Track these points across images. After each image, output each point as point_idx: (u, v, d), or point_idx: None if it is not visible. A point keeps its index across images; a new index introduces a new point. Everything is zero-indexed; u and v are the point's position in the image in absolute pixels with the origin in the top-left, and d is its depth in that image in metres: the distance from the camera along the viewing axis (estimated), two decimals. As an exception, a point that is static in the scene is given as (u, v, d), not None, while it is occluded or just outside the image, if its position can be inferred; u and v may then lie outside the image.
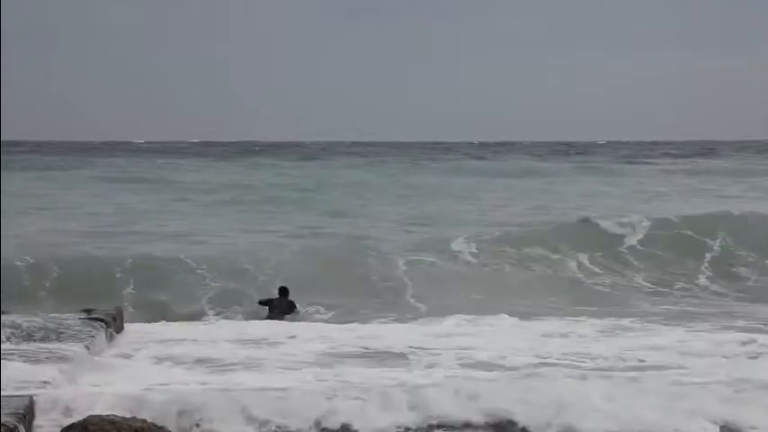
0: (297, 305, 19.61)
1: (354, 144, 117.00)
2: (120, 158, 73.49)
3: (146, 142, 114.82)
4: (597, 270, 23.06)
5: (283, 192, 41.98)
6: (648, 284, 22.56)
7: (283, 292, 19.73)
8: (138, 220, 30.68)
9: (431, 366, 13.30)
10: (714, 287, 22.45)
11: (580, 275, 22.82)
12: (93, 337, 13.48)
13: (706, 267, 23.34)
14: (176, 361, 13.26)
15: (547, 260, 23.41)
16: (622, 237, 24.62)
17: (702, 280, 22.73)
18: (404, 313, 19.21)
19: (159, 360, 13.35)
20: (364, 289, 21.12)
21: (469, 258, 23.33)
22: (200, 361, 13.32)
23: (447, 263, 22.97)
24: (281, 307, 19.40)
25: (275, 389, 11.38)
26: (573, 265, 23.24)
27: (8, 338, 13.07)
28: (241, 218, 31.69)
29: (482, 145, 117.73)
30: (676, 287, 22.36)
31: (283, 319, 19.04)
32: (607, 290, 22.04)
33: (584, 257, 23.50)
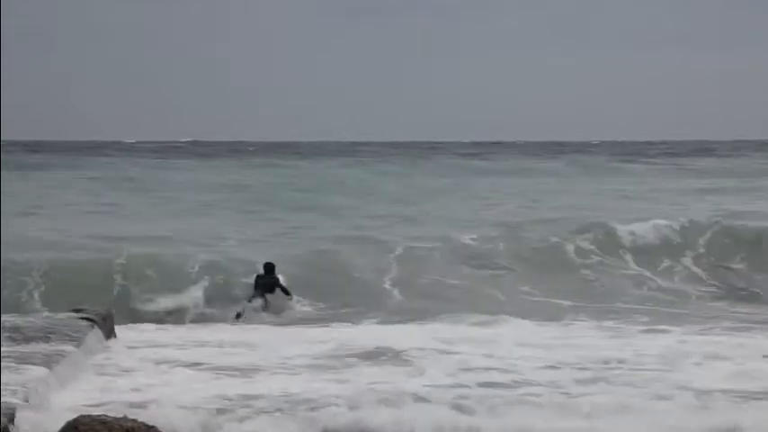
0: (282, 280, 19.62)
1: (352, 144, 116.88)
2: (115, 158, 73.37)
3: (137, 142, 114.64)
4: (601, 269, 22.76)
5: (278, 191, 41.85)
6: (657, 285, 22.28)
7: (268, 268, 19.65)
8: (132, 219, 30.53)
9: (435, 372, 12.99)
10: (714, 289, 22.22)
11: (579, 273, 22.59)
12: (83, 337, 13.34)
13: (705, 268, 23.07)
14: (168, 363, 13.07)
15: (544, 259, 23.16)
16: (624, 237, 24.29)
17: (703, 282, 22.49)
18: (402, 313, 19.03)
19: (149, 362, 13.16)
20: (357, 287, 20.87)
21: (468, 257, 23.07)
22: (191, 364, 13.11)
23: (444, 262, 22.71)
24: (265, 284, 19.44)
25: (274, 394, 11.17)
26: (572, 261, 22.98)
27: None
28: (235, 217, 31.54)
29: (477, 144, 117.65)
30: (678, 287, 22.17)
31: (265, 297, 19.24)
32: (610, 289, 21.77)
33: (583, 257, 23.21)
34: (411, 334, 16.08)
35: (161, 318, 18.58)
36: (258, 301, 19.26)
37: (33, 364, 11.79)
